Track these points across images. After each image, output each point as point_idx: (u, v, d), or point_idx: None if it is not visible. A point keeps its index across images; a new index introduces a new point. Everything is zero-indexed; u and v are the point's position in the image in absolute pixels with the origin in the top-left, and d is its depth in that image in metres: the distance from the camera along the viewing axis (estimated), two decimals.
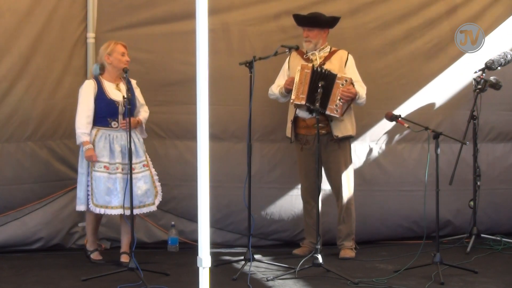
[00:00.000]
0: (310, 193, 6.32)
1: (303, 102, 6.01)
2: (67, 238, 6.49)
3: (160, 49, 6.47)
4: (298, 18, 6.26)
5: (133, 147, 5.78)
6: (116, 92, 5.88)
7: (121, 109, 5.84)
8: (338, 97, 5.99)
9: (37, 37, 6.16)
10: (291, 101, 6.09)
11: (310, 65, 6.07)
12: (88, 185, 5.83)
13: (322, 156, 6.11)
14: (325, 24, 6.24)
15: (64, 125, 6.34)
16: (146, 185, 5.90)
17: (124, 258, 5.88)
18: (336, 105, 5.97)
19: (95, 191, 5.80)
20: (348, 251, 6.28)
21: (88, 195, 5.83)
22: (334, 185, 6.32)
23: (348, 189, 6.30)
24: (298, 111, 6.20)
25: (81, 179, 5.87)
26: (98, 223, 6.10)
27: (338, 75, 6.03)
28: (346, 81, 6.02)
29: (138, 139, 5.96)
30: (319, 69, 6.04)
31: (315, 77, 6.00)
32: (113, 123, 5.87)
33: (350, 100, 6.10)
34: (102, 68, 5.92)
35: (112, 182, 5.80)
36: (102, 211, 5.82)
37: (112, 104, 5.83)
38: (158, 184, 6.01)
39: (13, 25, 6.08)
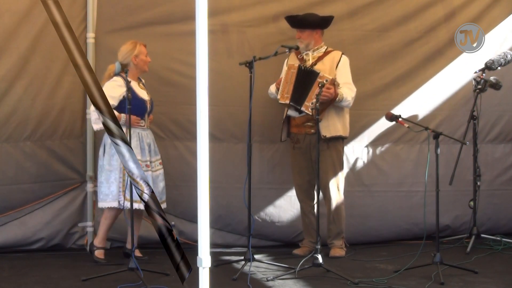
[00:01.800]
0: (304, 192, 6.36)
1: (287, 101, 6.04)
2: (67, 238, 6.49)
3: (160, 50, 6.46)
4: (290, 20, 6.28)
5: (153, 146, 6.03)
6: (142, 91, 6.00)
7: (148, 108, 5.97)
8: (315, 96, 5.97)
9: (36, 37, 6.17)
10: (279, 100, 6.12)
11: (296, 65, 6.09)
12: (120, 181, 5.85)
13: (311, 155, 6.15)
14: (316, 25, 6.24)
15: (64, 125, 6.35)
16: (163, 183, 6.06)
17: (137, 253, 5.95)
18: (312, 103, 5.94)
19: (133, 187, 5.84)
20: (338, 250, 6.29)
21: (119, 191, 5.85)
22: (322, 186, 6.30)
23: (337, 189, 6.30)
24: (288, 110, 6.22)
25: (109, 175, 5.88)
26: (114, 221, 6.09)
27: (320, 74, 6.03)
28: (326, 81, 6.00)
29: (153, 136, 6.10)
30: (303, 68, 6.04)
31: (300, 76, 6.01)
32: (141, 121, 5.94)
33: (329, 100, 6.09)
34: (123, 67, 5.94)
35: None
36: (141, 206, 5.82)
37: (142, 103, 5.91)
38: None
39: (12, 25, 6.09)
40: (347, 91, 6.15)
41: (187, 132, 6.48)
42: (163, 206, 6.10)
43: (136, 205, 5.76)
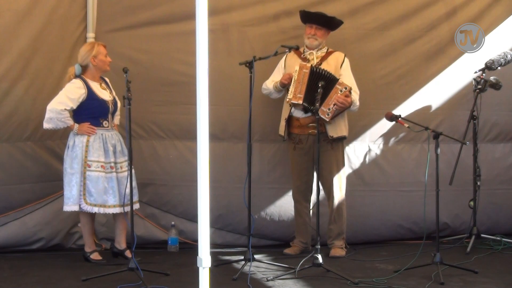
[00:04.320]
0: (302, 193, 6.36)
1: (300, 102, 6.02)
2: (67, 238, 6.49)
3: (160, 50, 6.47)
4: (309, 15, 6.24)
5: (119, 147, 5.97)
6: (103, 92, 5.98)
7: (111, 108, 5.91)
8: (333, 102, 6.00)
9: (36, 37, 6.16)
10: (287, 100, 6.10)
11: (309, 65, 6.08)
12: (81, 185, 5.85)
13: (315, 155, 6.13)
14: (335, 26, 6.27)
15: None
16: (133, 183, 5.95)
17: (129, 254, 5.96)
18: (329, 109, 6.00)
19: (92, 190, 5.83)
20: (338, 250, 6.30)
21: (80, 195, 5.85)
22: (326, 185, 6.32)
23: (339, 189, 6.31)
24: (293, 110, 6.22)
25: (71, 178, 5.88)
26: (93, 223, 6.11)
27: (340, 81, 6.04)
28: (345, 88, 6.02)
29: (121, 137, 6.07)
30: (316, 69, 6.05)
31: (313, 77, 6.01)
32: (104, 122, 5.95)
33: (344, 108, 6.10)
34: (84, 69, 5.95)
35: (108, 181, 5.86)
36: (101, 210, 5.86)
37: (104, 104, 5.90)
38: None
39: (12, 25, 6.08)
40: (355, 95, 6.16)
41: (187, 131, 6.47)
42: (136, 206, 6.00)
43: (96, 209, 5.85)
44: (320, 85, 5.87)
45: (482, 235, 6.63)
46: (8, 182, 6.21)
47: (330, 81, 6.02)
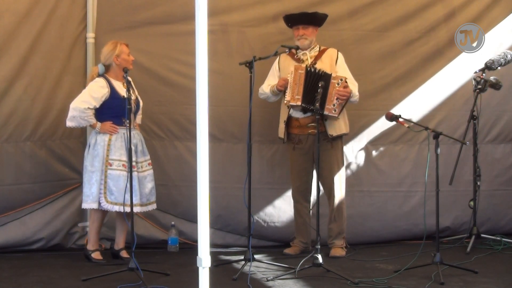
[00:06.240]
0: (301, 193, 6.36)
1: (299, 103, 6.02)
2: (67, 238, 6.49)
3: (160, 50, 6.47)
4: (293, 17, 6.25)
5: (140, 146, 5.97)
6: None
7: (133, 108, 5.93)
8: (335, 97, 6.00)
9: (36, 37, 6.17)
10: (285, 102, 6.09)
11: (304, 65, 6.08)
12: (101, 183, 5.85)
13: (314, 155, 6.13)
14: (320, 21, 6.27)
15: (63, 125, 6.31)
16: (151, 183, 6.04)
17: (125, 254, 5.97)
18: (334, 105, 6.00)
19: (113, 189, 5.83)
20: (338, 250, 6.29)
21: (100, 193, 5.85)
22: (326, 185, 6.32)
23: (340, 188, 6.31)
24: (292, 111, 6.22)
25: (91, 176, 5.88)
26: (103, 222, 6.11)
27: (333, 75, 6.04)
28: (341, 80, 6.03)
29: (142, 137, 6.07)
30: (312, 69, 6.05)
31: (309, 77, 6.01)
32: (126, 122, 5.92)
33: (346, 99, 6.10)
34: (107, 68, 5.96)
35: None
36: (122, 209, 5.83)
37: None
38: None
39: (12, 25, 6.09)
40: (353, 87, 6.16)
41: (187, 132, 6.48)
42: (153, 207, 6.08)
43: (116, 208, 5.83)
44: (320, 85, 5.87)
45: (482, 235, 6.63)
46: (7, 182, 6.21)
47: (325, 78, 6.01)
